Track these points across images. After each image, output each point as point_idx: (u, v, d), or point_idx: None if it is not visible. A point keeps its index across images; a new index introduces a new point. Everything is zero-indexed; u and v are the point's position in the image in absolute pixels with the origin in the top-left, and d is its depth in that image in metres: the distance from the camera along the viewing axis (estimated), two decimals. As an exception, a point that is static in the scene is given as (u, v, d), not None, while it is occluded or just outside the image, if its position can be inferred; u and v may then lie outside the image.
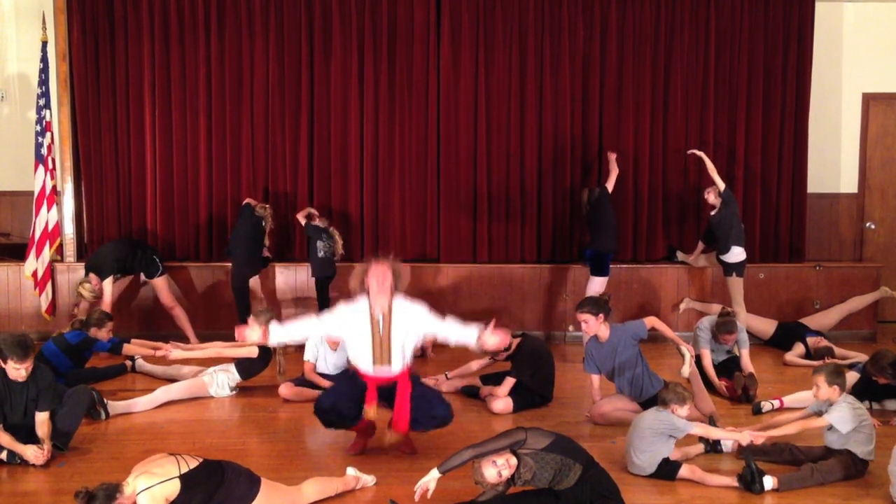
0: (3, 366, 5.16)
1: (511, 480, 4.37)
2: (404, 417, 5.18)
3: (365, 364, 5.18)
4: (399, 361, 5.16)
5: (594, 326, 6.00)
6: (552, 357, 6.72)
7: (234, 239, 8.23)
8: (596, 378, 6.21)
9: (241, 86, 8.77)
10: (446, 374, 7.02)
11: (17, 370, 5.13)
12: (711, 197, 8.11)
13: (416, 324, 5.16)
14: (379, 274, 5.06)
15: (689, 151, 8.51)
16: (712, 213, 8.17)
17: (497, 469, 4.27)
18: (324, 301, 8.10)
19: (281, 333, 5.31)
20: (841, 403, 5.16)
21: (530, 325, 8.63)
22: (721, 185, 8.06)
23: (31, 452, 5.19)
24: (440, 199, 8.94)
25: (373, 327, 5.09)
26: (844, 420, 5.10)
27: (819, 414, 5.25)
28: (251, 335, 5.22)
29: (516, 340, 6.58)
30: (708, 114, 8.98)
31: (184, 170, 8.85)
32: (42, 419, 5.30)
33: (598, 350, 6.10)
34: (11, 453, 5.25)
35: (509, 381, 6.44)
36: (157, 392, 6.49)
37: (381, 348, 5.10)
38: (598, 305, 6.04)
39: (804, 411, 5.50)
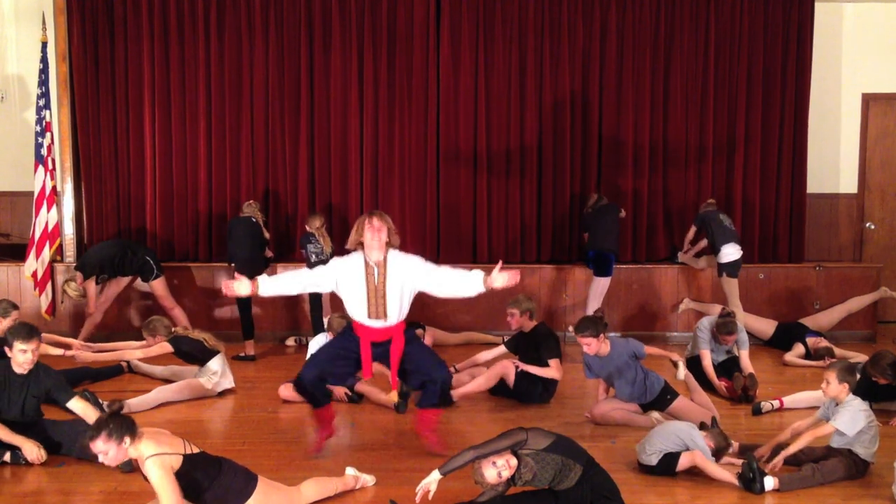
0: (9, 354, 5.15)
1: (511, 481, 4.37)
2: (396, 377, 5.23)
3: (360, 317, 5.15)
4: (395, 314, 5.12)
5: (596, 346, 5.97)
6: (560, 352, 6.76)
7: (232, 247, 8.14)
8: (601, 387, 6.29)
9: (241, 86, 8.78)
10: (454, 367, 7.00)
11: (24, 352, 5.13)
12: (700, 245, 8.50)
13: (410, 274, 5.11)
14: (374, 227, 5.05)
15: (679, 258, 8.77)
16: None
17: (497, 469, 4.27)
18: (315, 306, 8.07)
19: (270, 285, 5.19)
20: (847, 406, 5.14)
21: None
22: (691, 233, 8.52)
23: (30, 449, 5.18)
24: (440, 199, 8.95)
25: (367, 279, 5.06)
26: (851, 423, 5.08)
27: (827, 419, 5.23)
28: (240, 288, 5.08)
29: (533, 323, 6.69)
30: (708, 114, 8.99)
31: (183, 170, 8.85)
32: (79, 407, 5.28)
33: (595, 362, 6.11)
34: (15, 454, 5.23)
35: (556, 362, 6.47)
36: (153, 392, 6.47)
37: (377, 300, 5.06)
38: (596, 326, 5.99)
39: (812, 418, 5.44)
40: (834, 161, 9.49)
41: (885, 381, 6.10)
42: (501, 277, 5.01)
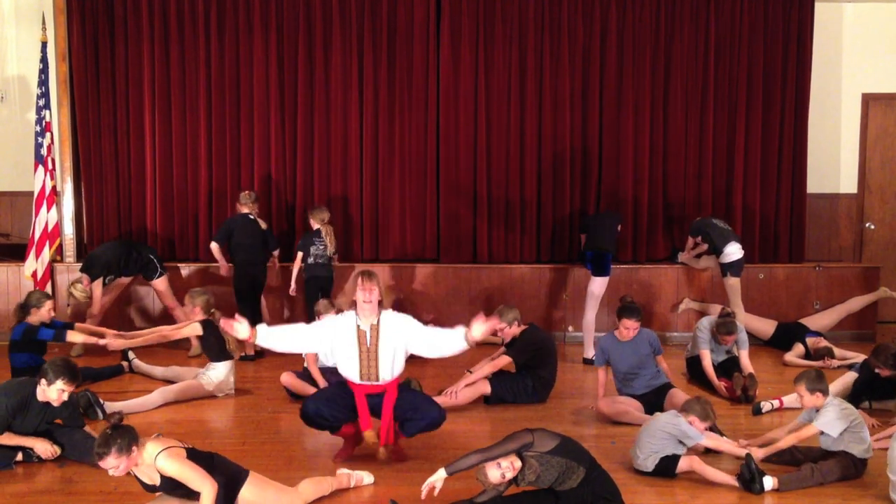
0: (45, 386, 5.13)
1: (514, 481, 4.37)
2: (388, 429, 5.21)
3: (353, 378, 5.17)
4: (387, 374, 5.14)
5: (637, 331, 6.25)
6: (554, 350, 6.77)
7: (233, 247, 8.14)
8: (602, 373, 6.35)
9: (240, 86, 8.78)
10: (469, 371, 6.93)
11: (63, 392, 5.13)
12: (701, 248, 8.50)
13: (403, 336, 5.11)
14: (366, 289, 5.05)
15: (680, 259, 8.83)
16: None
17: (501, 471, 4.27)
18: (310, 302, 8.06)
19: (268, 336, 5.17)
20: (827, 407, 5.15)
21: (530, 326, 8.63)
22: (690, 242, 8.58)
23: (43, 448, 5.21)
24: (440, 199, 8.95)
25: (360, 341, 5.08)
26: (833, 423, 5.09)
27: (810, 421, 5.24)
28: (240, 331, 5.06)
29: (522, 328, 6.69)
30: (708, 114, 8.99)
31: (184, 170, 8.86)
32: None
33: (618, 348, 6.25)
34: (27, 453, 5.26)
35: (504, 359, 6.54)
36: (154, 393, 6.48)
37: (369, 362, 5.09)
38: (639, 312, 6.30)
39: (795, 421, 5.48)
40: (834, 161, 9.49)
41: (888, 371, 6.09)
42: (479, 329, 4.93)
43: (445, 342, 5.11)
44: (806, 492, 4.95)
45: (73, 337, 6.68)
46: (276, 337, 5.21)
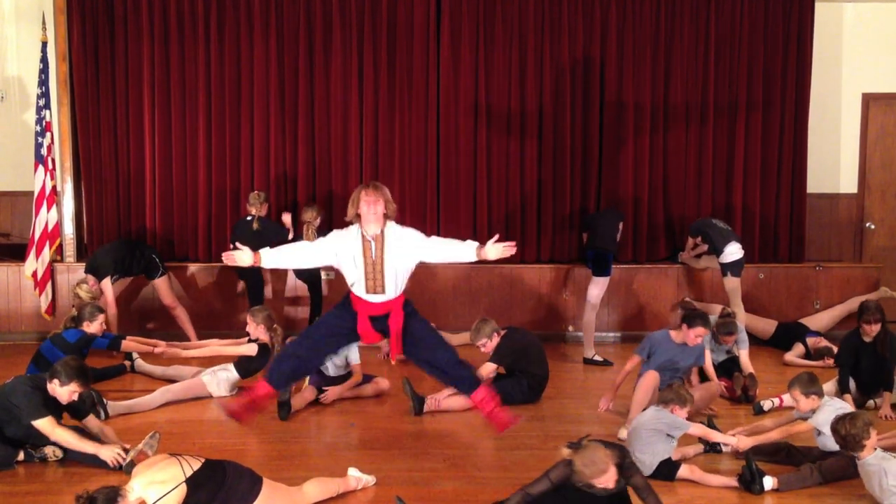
0: (57, 386, 5.16)
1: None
2: (397, 348, 5.23)
3: (359, 291, 5.15)
4: (392, 287, 5.12)
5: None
6: (538, 345, 6.73)
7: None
8: (631, 363, 6.24)
9: (240, 86, 8.77)
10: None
11: (74, 393, 5.20)
12: (701, 248, 8.47)
13: (408, 246, 5.13)
14: (370, 200, 5.05)
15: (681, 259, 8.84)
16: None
17: (607, 478, 4.12)
18: (314, 290, 8.16)
19: (273, 256, 5.23)
20: (823, 406, 5.19)
21: (530, 326, 8.57)
22: (690, 243, 8.57)
23: (108, 453, 5.13)
24: (440, 199, 8.95)
25: (365, 252, 5.08)
26: (829, 422, 5.10)
27: (804, 419, 5.26)
28: (242, 258, 5.12)
29: (502, 334, 6.62)
30: (708, 114, 8.98)
31: (183, 170, 8.86)
32: (91, 425, 5.42)
33: (667, 346, 6.13)
34: (28, 453, 5.26)
35: (488, 367, 6.43)
36: (156, 392, 6.48)
37: (374, 274, 5.08)
38: (709, 321, 6.29)
39: (789, 415, 5.50)
40: (834, 161, 9.49)
41: (873, 325, 6.23)
42: (495, 249, 5.07)
43: (454, 249, 5.21)
44: (806, 492, 4.96)
45: (128, 347, 6.89)
46: (283, 254, 5.29)
